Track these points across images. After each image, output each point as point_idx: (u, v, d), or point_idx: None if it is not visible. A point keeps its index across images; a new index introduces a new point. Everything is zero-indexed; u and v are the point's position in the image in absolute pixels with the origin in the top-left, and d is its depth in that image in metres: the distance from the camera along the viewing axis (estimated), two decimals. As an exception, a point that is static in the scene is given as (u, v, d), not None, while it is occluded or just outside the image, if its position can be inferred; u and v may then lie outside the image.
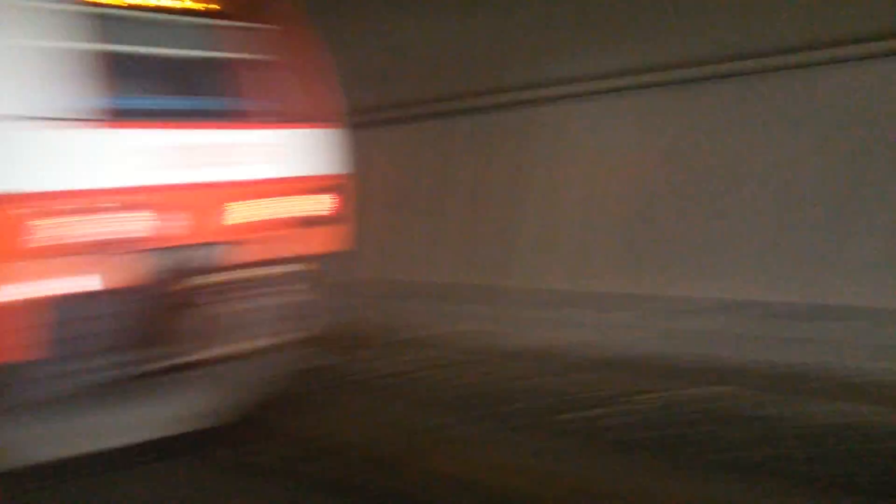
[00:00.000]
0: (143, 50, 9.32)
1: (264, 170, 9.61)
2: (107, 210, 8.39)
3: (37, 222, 7.99)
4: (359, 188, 12.98)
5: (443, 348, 13.79)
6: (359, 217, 11.30)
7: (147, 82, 9.46)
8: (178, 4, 9.96)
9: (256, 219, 9.37)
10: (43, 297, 7.95)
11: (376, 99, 18.57)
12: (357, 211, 10.95)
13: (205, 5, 10.15)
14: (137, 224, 8.58)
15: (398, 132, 19.06)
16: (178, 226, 8.81)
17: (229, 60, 10.07)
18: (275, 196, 9.60)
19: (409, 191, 18.70)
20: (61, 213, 8.13)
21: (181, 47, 9.85)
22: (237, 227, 9.21)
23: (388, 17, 18.55)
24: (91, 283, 8.32)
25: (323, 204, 9.97)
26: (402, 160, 19.05)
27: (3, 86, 8.08)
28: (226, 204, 9.16)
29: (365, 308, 16.06)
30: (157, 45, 9.60)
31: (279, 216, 9.57)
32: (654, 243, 15.27)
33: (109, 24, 9.28)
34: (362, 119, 17.68)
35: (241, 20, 10.28)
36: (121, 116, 8.68)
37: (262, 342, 9.19)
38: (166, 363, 8.69)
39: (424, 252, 18.27)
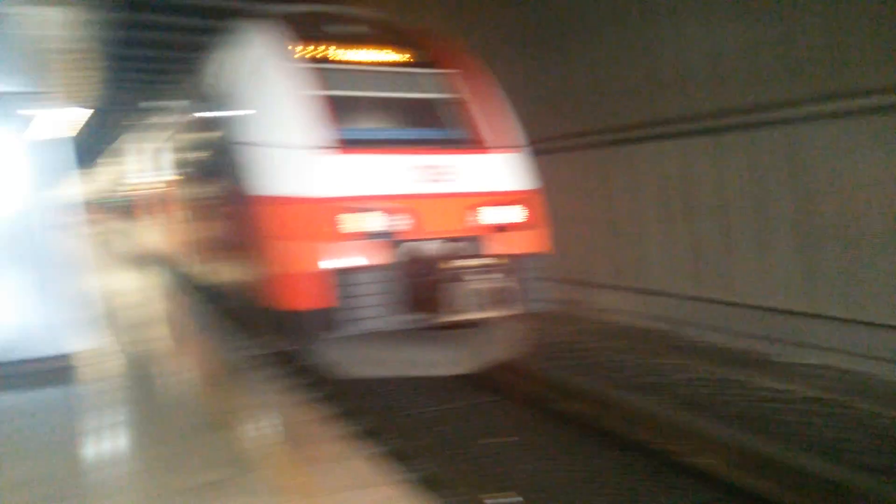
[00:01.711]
0: (382, 94, 12.56)
1: (479, 184, 12.06)
2: (384, 210, 11.17)
3: (341, 216, 11.00)
4: (623, 202, 17.70)
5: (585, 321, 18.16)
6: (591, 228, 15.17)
7: (386, 118, 12.40)
8: (393, 59, 13.03)
9: (480, 222, 11.74)
10: (344, 268, 10.96)
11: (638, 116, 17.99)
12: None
13: (411, 58, 13.30)
14: (400, 221, 11.24)
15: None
16: (426, 223, 11.41)
17: (439, 100, 13.14)
18: (490, 205, 11.90)
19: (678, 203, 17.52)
20: (354, 210, 11.04)
21: (404, 91, 12.96)
22: (468, 227, 11.61)
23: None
24: (374, 259, 11.12)
25: (522, 212, 12.22)
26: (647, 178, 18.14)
27: (295, 124, 11.24)
28: (461, 209, 11.68)
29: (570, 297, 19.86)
30: (388, 90, 12.79)
31: (496, 221, 11.88)
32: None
33: (353, 76, 12.63)
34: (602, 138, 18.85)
35: (440, 68, 13.28)
36: (373, 145, 11.77)
37: (494, 312, 11.29)
38: (434, 321, 11.11)
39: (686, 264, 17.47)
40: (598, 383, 13.72)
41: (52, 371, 12.37)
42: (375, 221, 11.39)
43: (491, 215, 12.10)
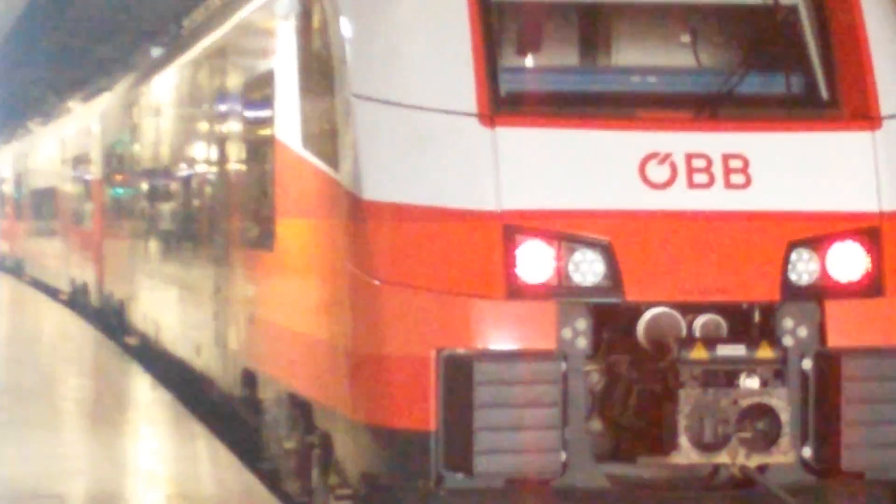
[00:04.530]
0: None
1: (807, 195, 9.23)
2: (607, 240, 8.65)
3: (524, 248, 8.59)
4: None
5: None
6: None
7: (620, 49, 9.94)
8: None
9: (797, 275, 9.01)
10: (508, 353, 8.63)
11: None
12: None
13: None
14: (633, 264, 8.68)
15: None
16: (682, 272, 8.80)
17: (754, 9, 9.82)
18: (821, 239, 9.13)
19: None
20: (549, 236, 8.66)
21: None
22: (767, 284, 8.86)
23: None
24: (576, 340, 8.62)
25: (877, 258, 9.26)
26: None
27: (430, 64, 8.94)
28: (765, 247, 8.96)
29: None
30: None
31: (834, 273, 9.06)
32: None
33: None
34: None
35: None
36: (585, 108, 9.13)
37: (784, 461, 8.81)
38: (665, 468, 8.81)
39: None
40: None
41: None
42: (591, 264, 8.61)
43: (826, 261, 9.06)
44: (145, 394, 17.72)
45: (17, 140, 51.84)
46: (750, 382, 8.71)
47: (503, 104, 9.03)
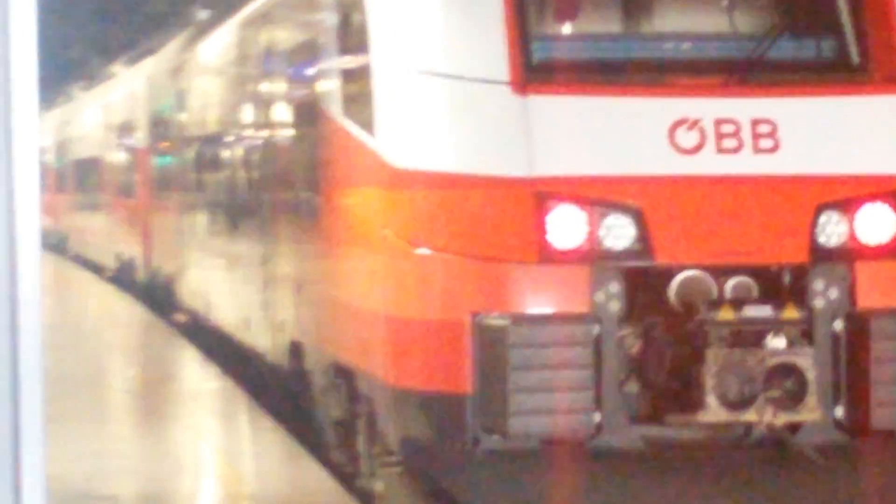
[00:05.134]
0: None
1: (835, 158, 9.80)
2: (638, 206, 9.26)
3: (555, 213, 9.21)
4: None
5: None
6: None
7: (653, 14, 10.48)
8: None
9: (827, 237, 9.58)
10: (544, 318, 9.26)
11: None
12: None
13: None
14: (664, 229, 9.34)
15: None
16: (711, 236, 9.44)
17: None
18: (850, 202, 9.66)
19: None
20: (581, 202, 9.24)
21: None
22: (797, 245, 9.48)
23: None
24: (610, 303, 9.21)
25: None
26: None
27: (464, 31, 9.72)
28: (793, 208, 9.53)
29: None
30: None
31: (863, 235, 9.64)
32: None
33: None
34: None
35: None
36: (614, 74, 9.99)
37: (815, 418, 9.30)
38: (696, 427, 9.33)
39: None
40: None
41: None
42: (622, 228, 9.18)
43: (854, 223, 9.60)
44: (199, 381, 17.61)
45: (57, 106, 50.30)
46: (776, 342, 9.16)
47: (534, 72, 9.50)
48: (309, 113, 12.77)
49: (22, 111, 3.80)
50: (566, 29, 10.18)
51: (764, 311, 9.26)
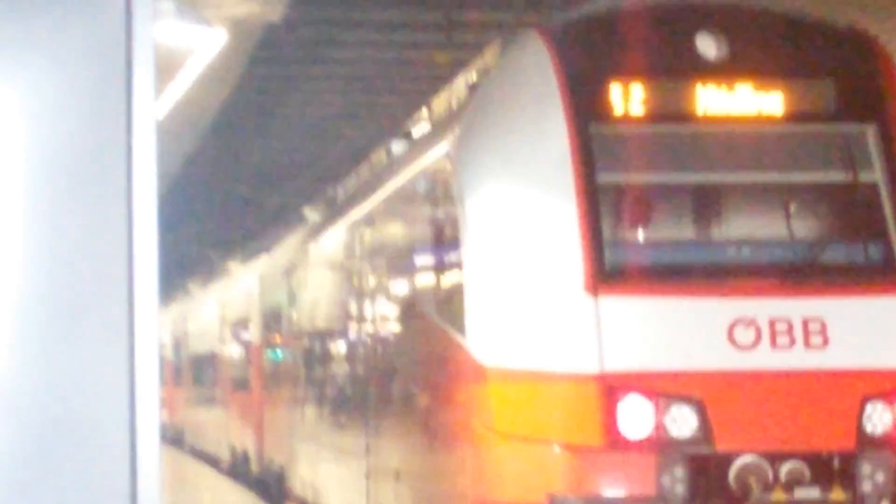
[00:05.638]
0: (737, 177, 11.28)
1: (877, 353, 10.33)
2: (700, 398, 9.92)
3: (627, 403, 9.89)
4: None
5: None
6: None
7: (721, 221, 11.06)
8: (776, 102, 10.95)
9: (871, 427, 10.04)
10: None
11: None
12: None
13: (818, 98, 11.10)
14: (724, 419, 10.00)
15: None
16: (763, 424, 10.12)
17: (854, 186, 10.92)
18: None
19: None
20: (650, 393, 9.96)
21: (788, 169, 11.29)
22: (843, 434, 10.07)
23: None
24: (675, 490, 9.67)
25: None
26: None
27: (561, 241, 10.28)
28: (838, 401, 10.17)
29: None
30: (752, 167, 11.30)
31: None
32: None
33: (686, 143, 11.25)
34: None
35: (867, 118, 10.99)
36: (673, 277, 10.65)
37: None
38: None
39: None
40: None
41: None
42: (685, 418, 9.76)
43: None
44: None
45: (175, 302, 51.76)
46: None
47: (606, 275, 10.12)
48: (408, 311, 13.25)
49: (142, 306, 3.69)
50: (636, 235, 10.68)
51: (813, 492, 9.69)
